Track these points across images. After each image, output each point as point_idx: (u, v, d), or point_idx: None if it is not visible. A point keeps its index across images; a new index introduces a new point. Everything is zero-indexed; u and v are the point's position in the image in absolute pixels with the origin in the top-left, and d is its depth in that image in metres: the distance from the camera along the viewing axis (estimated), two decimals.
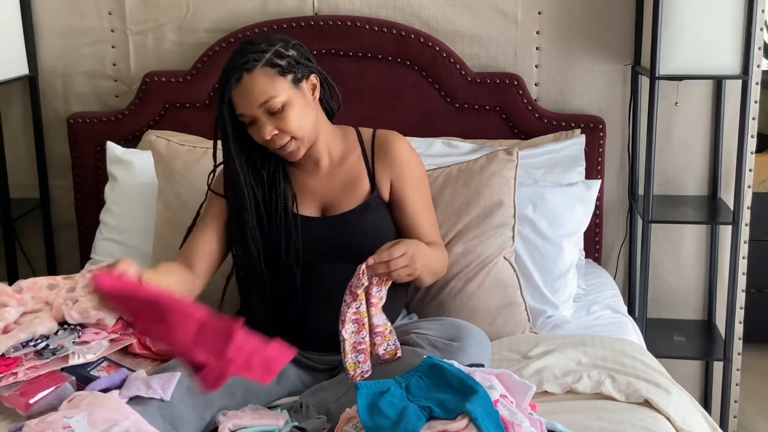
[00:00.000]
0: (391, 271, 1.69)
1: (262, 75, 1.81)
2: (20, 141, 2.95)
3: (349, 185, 1.97)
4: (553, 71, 2.68)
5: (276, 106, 1.82)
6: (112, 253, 2.49)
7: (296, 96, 1.85)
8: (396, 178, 1.99)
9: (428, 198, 2.05)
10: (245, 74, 1.80)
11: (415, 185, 2.00)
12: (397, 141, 2.02)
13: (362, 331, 1.69)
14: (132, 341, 2.00)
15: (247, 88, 1.81)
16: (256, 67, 1.81)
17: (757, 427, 2.87)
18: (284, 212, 1.92)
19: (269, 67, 1.82)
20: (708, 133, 2.68)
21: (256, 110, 1.82)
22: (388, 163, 1.99)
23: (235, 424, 1.66)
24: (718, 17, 2.32)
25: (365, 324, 1.70)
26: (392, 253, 1.70)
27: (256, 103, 1.82)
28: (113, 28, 2.82)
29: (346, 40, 2.64)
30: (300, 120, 1.86)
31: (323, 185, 1.98)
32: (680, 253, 2.77)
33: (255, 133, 1.87)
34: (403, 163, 1.99)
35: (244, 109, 1.83)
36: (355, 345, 1.69)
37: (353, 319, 1.68)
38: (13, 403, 1.76)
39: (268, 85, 1.81)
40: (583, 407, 1.74)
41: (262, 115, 1.83)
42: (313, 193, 1.98)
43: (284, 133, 1.85)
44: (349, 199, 1.96)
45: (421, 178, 2.03)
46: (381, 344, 1.71)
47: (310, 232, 1.92)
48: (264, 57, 1.82)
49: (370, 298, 1.70)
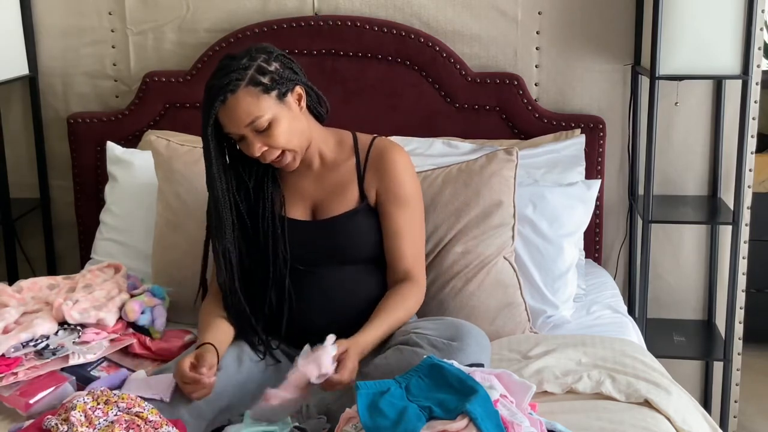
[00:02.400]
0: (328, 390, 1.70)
1: (246, 95, 1.79)
2: (20, 141, 2.95)
3: (339, 189, 1.96)
4: (553, 71, 2.68)
5: (263, 125, 1.81)
6: (112, 253, 2.49)
7: (282, 111, 1.84)
8: (382, 191, 1.96)
9: (416, 221, 1.99)
10: (229, 95, 1.79)
11: (401, 203, 1.96)
12: (394, 154, 1.97)
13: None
14: (132, 341, 2.00)
15: (232, 109, 1.80)
16: (239, 87, 1.79)
17: (757, 427, 2.87)
18: (272, 216, 1.91)
19: (252, 86, 1.80)
20: (708, 133, 2.68)
21: (243, 129, 1.82)
22: (377, 175, 1.96)
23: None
24: (718, 17, 2.32)
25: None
26: (337, 384, 1.68)
27: (243, 124, 1.81)
28: (113, 28, 2.82)
29: (346, 40, 2.64)
30: (288, 135, 1.85)
31: (314, 187, 1.98)
32: (680, 253, 2.77)
33: (245, 149, 1.87)
34: (392, 178, 1.95)
35: (231, 129, 1.83)
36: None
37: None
38: (13, 403, 1.76)
39: (252, 105, 1.80)
40: (583, 407, 1.74)
41: (249, 134, 1.83)
42: (303, 195, 1.97)
43: (273, 148, 1.85)
44: (339, 203, 1.95)
45: (410, 199, 1.97)
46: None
47: (298, 236, 1.92)
48: (246, 75, 1.80)
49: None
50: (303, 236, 1.91)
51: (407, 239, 1.96)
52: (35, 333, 1.90)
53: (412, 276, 1.96)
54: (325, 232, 1.93)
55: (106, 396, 1.60)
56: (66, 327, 1.97)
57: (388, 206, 1.95)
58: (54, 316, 1.98)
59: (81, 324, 1.98)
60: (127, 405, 1.58)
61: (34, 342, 1.89)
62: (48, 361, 1.85)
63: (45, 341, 1.90)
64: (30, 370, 1.82)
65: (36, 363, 1.84)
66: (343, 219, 1.94)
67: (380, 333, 1.84)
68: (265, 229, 1.91)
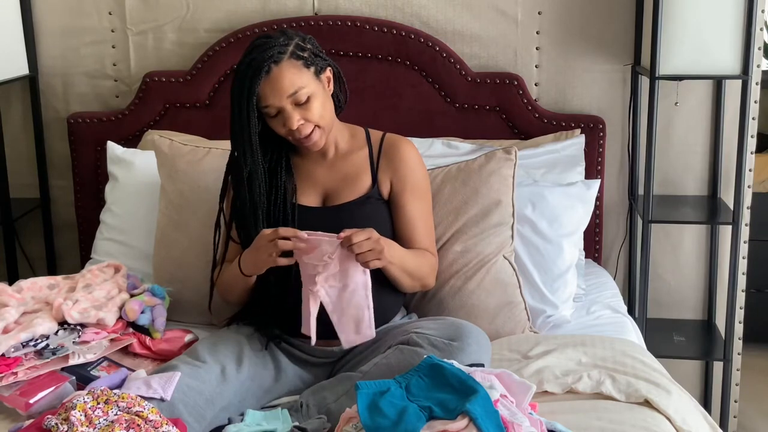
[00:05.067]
0: (356, 252, 1.75)
1: (290, 66, 1.85)
2: (20, 141, 2.95)
3: (351, 178, 2.00)
4: (553, 71, 2.68)
5: (303, 97, 1.87)
6: (112, 253, 2.49)
7: (318, 87, 1.90)
8: (397, 181, 2.01)
9: (427, 208, 2.07)
10: (274, 66, 1.84)
11: (415, 193, 2.02)
12: (406, 147, 2.05)
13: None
14: (132, 341, 2.00)
15: (276, 80, 1.84)
16: (283, 59, 1.85)
17: (757, 427, 2.87)
18: (283, 202, 1.94)
19: (295, 59, 1.86)
20: (708, 133, 2.68)
21: (284, 101, 1.86)
22: (392, 165, 2.02)
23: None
24: (718, 17, 2.32)
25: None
26: (358, 234, 1.76)
27: (285, 94, 1.85)
28: (113, 28, 2.82)
29: (346, 40, 2.64)
30: (322, 110, 1.91)
31: (326, 175, 2.01)
32: (680, 253, 2.77)
33: (278, 124, 1.90)
34: (406, 168, 2.02)
35: (272, 101, 1.86)
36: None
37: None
38: (13, 403, 1.76)
39: (296, 76, 1.85)
40: (583, 407, 1.74)
41: (288, 106, 1.87)
42: (316, 182, 2.00)
43: (309, 122, 1.89)
44: (350, 190, 1.99)
45: (423, 187, 2.05)
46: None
47: (308, 221, 1.93)
48: (288, 49, 1.86)
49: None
50: (313, 222, 1.92)
51: (421, 226, 2.03)
52: (35, 333, 1.90)
53: (425, 253, 2.03)
54: (335, 218, 1.95)
55: (106, 395, 1.60)
56: (66, 327, 1.97)
57: (403, 195, 2.01)
58: (54, 316, 1.98)
59: (81, 324, 1.98)
60: (127, 404, 1.58)
61: (34, 342, 1.89)
62: (48, 361, 1.85)
63: (45, 341, 1.90)
64: (30, 370, 1.82)
65: (36, 363, 1.84)
66: (352, 206, 1.97)
67: (398, 248, 1.91)
68: (276, 215, 1.93)
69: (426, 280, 2.03)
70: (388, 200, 2.02)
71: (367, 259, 1.77)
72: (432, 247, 2.07)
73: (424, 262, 2.01)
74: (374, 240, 1.78)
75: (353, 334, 1.81)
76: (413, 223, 2.01)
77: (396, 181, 2.01)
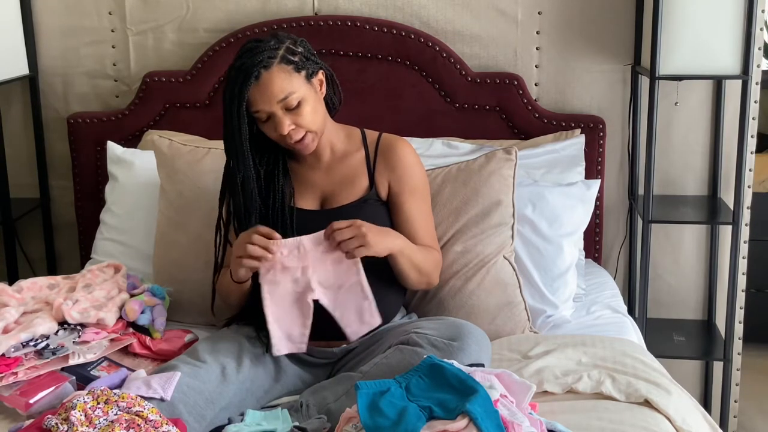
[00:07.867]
0: (338, 240, 1.78)
1: (280, 71, 1.84)
2: (20, 141, 2.95)
3: (348, 180, 2.00)
4: (553, 71, 2.68)
5: (293, 102, 1.86)
6: (112, 253, 2.49)
7: (310, 91, 1.89)
8: (395, 182, 2.01)
9: (426, 207, 2.07)
10: (263, 71, 1.82)
11: (413, 193, 2.02)
12: (403, 147, 2.04)
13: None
14: (132, 341, 2.00)
15: (266, 85, 1.83)
16: (273, 63, 1.83)
17: (757, 427, 2.87)
18: (281, 206, 1.94)
19: (285, 64, 1.85)
20: (708, 133, 2.68)
21: (274, 106, 1.85)
22: (389, 166, 2.01)
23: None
24: (718, 17, 2.32)
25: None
26: (339, 222, 1.79)
27: (275, 100, 1.84)
28: (113, 28, 2.82)
29: (346, 40, 2.64)
30: (314, 114, 1.90)
31: (323, 178, 2.01)
32: (680, 253, 2.77)
33: (270, 129, 1.89)
34: (404, 168, 2.01)
35: (262, 106, 1.85)
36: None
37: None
38: (13, 403, 1.76)
39: (286, 81, 1.84)
40: (583, 407, 1.74)
41: (279, 111, 1.86)
42: (313, 186, 2.00)
43: (300, 127, 1.88)
44: (347, 193, 1.98)
45: (421, 187, 2.05)
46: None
47: (307, 225, 1.93)
48: (278, 54, 1.85)
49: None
50: (311, 225, 1.92)
51: (422, 226, 2.03)
52: (35, 333, 1.90)
53: (429, 248, 2.03)
54: (333, 220, 1.94)
55: (107, 395, 1.60)
56: (66, 327, 1.97)
57: (402, 196, 2.01)
58: (54, 316, 1.98)
59: (81, 324, 1.98)
60: (127, 404, 1.58)
61: (34, 342, 1.89)
62: (48, 361, 1.85)
63: (45, 341, 1.90)
64: (30, 370, 1.82)
65: (36, 363, 1.84)
66: (350, 208, 1.96)
67: (395, 236, 1.91)
68: (275, 219, 1.93)
69: (432, 276, 2.03)
70: (387, 201, 2.02)
71: (350, 247, 1.79)
72: (435, 245, 2.07)
73: (429, 257, 2.01)
74: (356, 227, 1.79)
75: (358, 325, 1.85)
76: (413, 223, 2.01)
77: (394, 183, 2.01)
